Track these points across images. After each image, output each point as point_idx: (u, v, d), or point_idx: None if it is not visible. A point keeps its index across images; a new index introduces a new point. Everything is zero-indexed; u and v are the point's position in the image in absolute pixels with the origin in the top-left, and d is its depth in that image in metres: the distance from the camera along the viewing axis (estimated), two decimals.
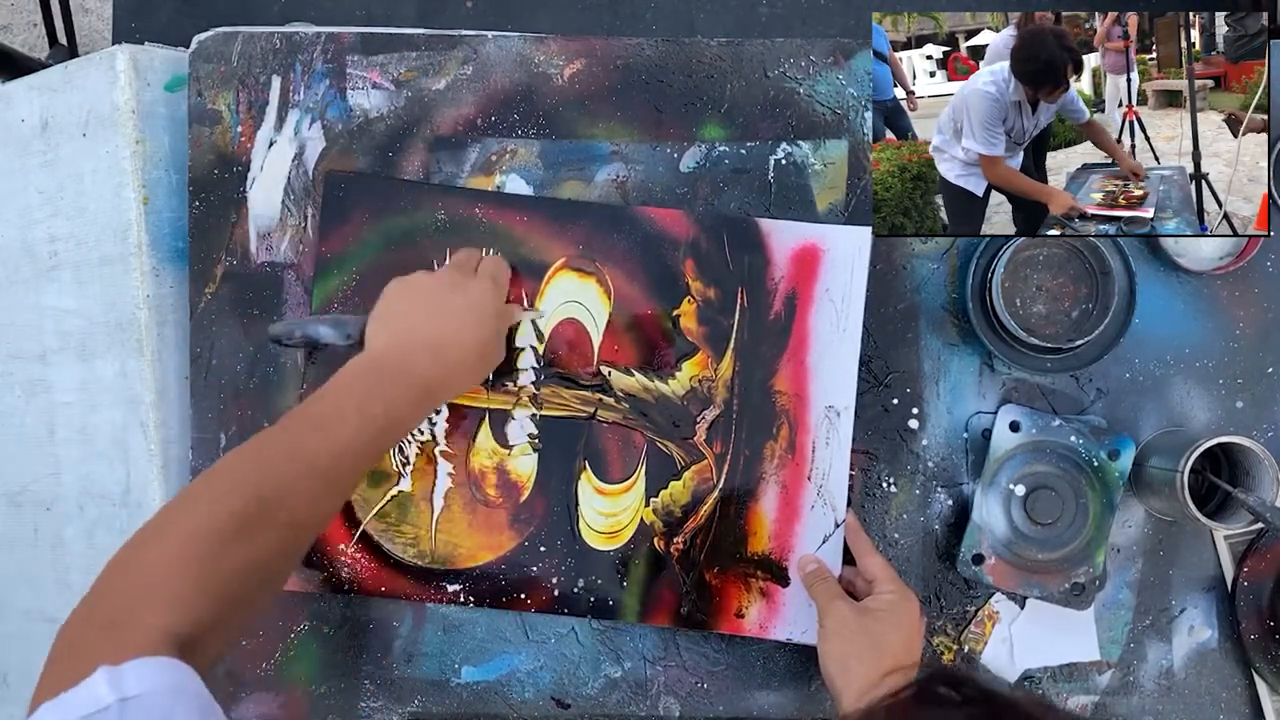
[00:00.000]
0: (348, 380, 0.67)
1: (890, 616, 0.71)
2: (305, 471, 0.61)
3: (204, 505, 0.57)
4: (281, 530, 0.59)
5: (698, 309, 0.81)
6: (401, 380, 0.68)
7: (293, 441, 0.62)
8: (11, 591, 0.92)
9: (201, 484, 0.60)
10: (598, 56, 0.83)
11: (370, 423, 0.64)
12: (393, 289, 0.74)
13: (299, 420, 0.64)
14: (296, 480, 0.61)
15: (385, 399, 0.66)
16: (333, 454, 0.62)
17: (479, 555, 0.81)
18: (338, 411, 0.64)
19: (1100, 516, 0.79)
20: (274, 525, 0.59)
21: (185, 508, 0.58)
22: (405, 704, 0.82)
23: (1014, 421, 0.80)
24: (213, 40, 0.84)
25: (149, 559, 0.55)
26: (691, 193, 0.83)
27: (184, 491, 0.60)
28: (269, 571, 0.60)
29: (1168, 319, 0.82)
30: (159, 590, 0.53)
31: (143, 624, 0.51)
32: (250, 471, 0.60)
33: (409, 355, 0.69)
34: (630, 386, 0.81)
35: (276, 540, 0.59)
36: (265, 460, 0.61)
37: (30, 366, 0.89)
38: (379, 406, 0.65)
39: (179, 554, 0.54)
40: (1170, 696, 0.82)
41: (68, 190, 0.86)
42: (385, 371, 0.68)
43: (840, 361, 0.80)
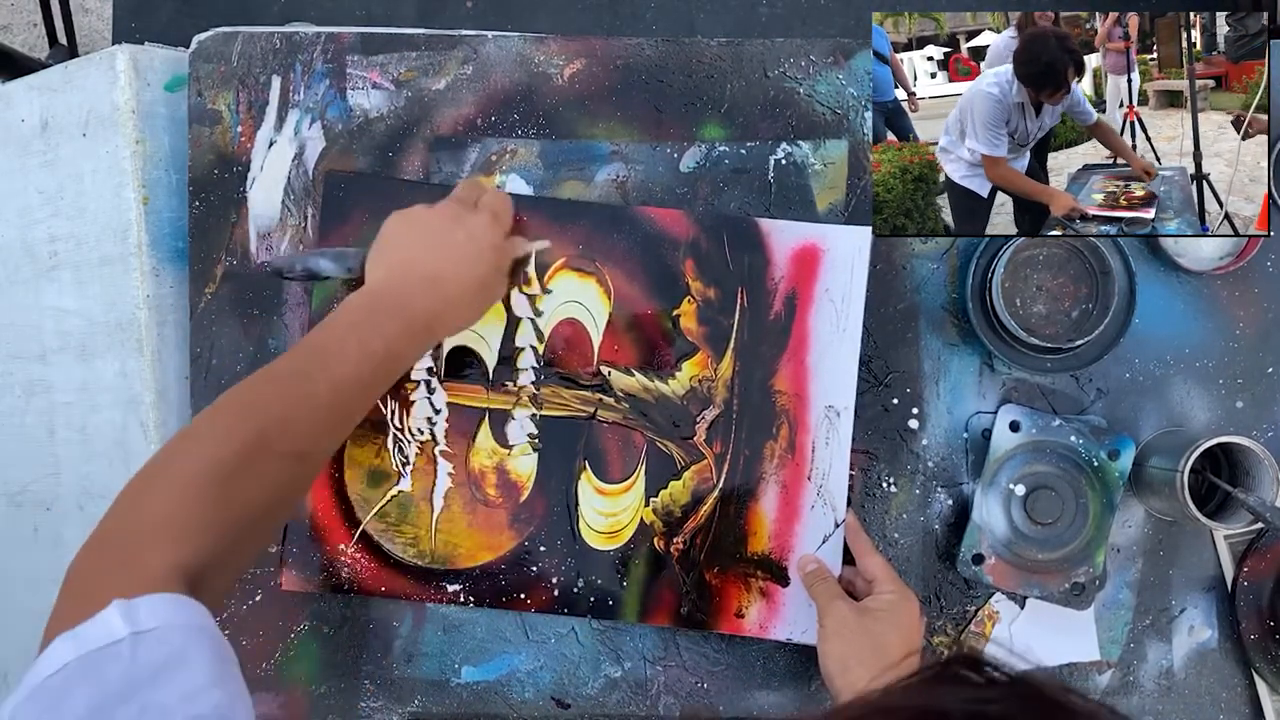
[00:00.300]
0: (347, 315, 0.67)
1: (890, 616, 0.71)
2: (307, 406, 0.61)
3: (208, 441, 0.58)
4: (286, 462, 0.60)
5: (698, 309, 0.81)
6: (400, 315, 0.67)
7: (294, 377, 0.62)
8: (11, 591, 0.92)
9: (205, 420, 0.60)
10: (598, 56, 0.83)
11: (370, 358, 0.65)
12: (392, 222, 0.73)
13: (300, 355, 0.64)
14: (299, 415, 0.61)
15: (384, 334, 0.66)
16: (334, 389, 0.63)
17: (479, 555, 0.81)
18: (338, 347, 0.64)
19: (1100, 516, 0.79)
20: (278, 458, 0.59)
21: (190, 444, 0.58)
22: (405, 704, 0.82)
23: (1014, 421, 0.80)
24: (213, 40, 0.84)
25: (156, 495, 0.55)
26: (691, 193, 0.83)
27: (187, 428, 0.60)
28: (274, 504, 0.61)
29: (1168, 319, 0.82)
30: (167, 525, 0.53)
31: (153, 559, 0.51)
32: (253, 407, 0.60)
33: (407, 289, 0.69)
34: (630, 386, 0.81)
35: (281, 473, 0.60)
36: (267, 396, 0.61)
37: (30, 366, 0.89)
38: (378, 342, 0.65)
39: (185, 489, 0.55)
40: (1170, 696, 0.82)
41: (68, 190, 0.86)
42: (383, 306, 0.68)
43: (840, 361, 0.80)
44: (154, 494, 0.55)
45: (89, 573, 0.52)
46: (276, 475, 0.59)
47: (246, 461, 0.57)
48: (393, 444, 0.82)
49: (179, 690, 0.45)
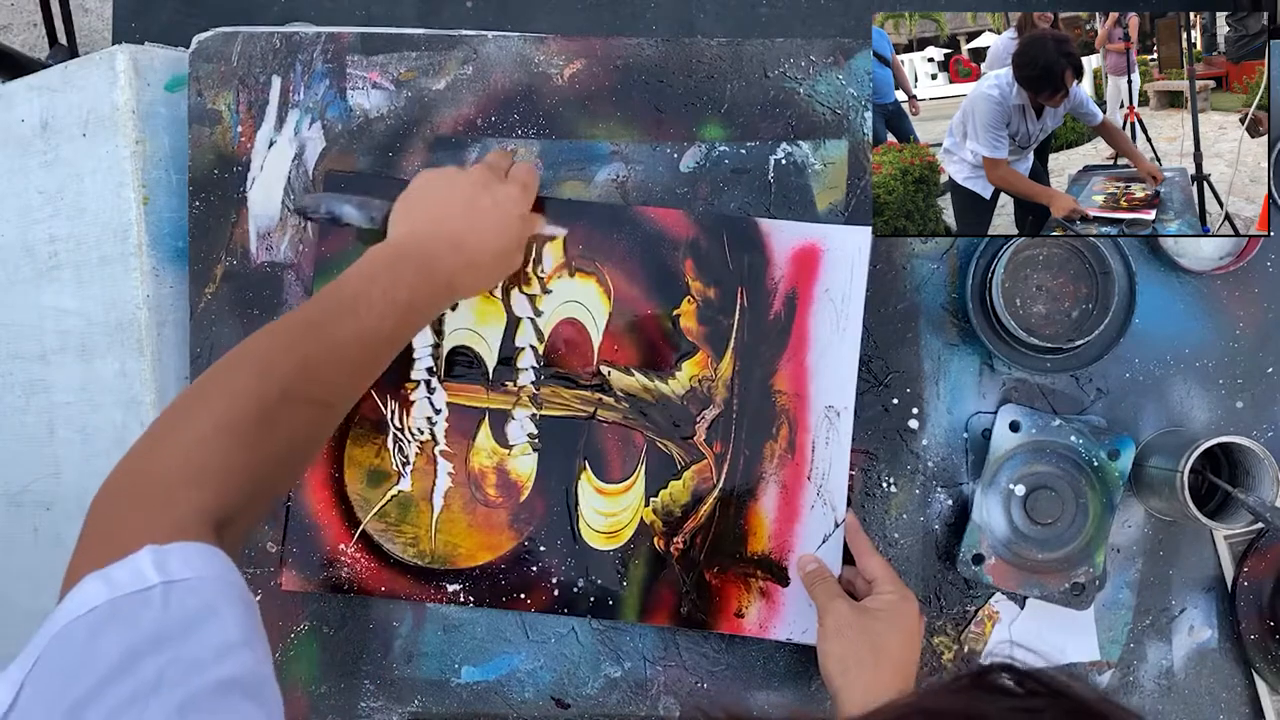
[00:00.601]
0: (370, 266, 0.67)
1: (890, 617, 0.71)
2: (332, 356, 0.61)
3: (236, 387, 0.57)
4: (311, 410, 0.60)
5: (698, 309, 0.81)
6: (423, 270, 0.68)
7: (319, 324, 0.62)
8: (12, 591, 0.92)
9: (231, 366, 0.59)
10: (598, 56, 0.83)
11: (393, 307, 0.65)
12: (422, 178, 0.73)
13: (324, 304, 0.64)
14: (324, 363, 0.61)
15: (409, 286, 0.66)
16: (360, 339, 0.63)
17: (479, 555, 0.81)
18: (364, 297, 0.64)
19: (1100, 516, 0.79)
20: (303, 405, 0.59)
21: (215, 389, 0.58)
22: (405, 704, 0.82)
23: (1014, 421, 0.80)
24: (213, 40, 0.84)
25: (183, 438, 0.55)
26: (691, 193, 0.83)
27: (213, 373, 0.59)
28: (297, 453, 0.61)
29: (1168, 319, 0.82)
30: (195, 470, 0.53)
31: (181, 504, 0.51)
32: (279, 355, 0.59)
33: (431, 246, 0.69)
34: (630, 386, 0.81)
35: (306, 421, 0.60)
36: (292, 344, 0.60)
37: (30, 366, 0.89)
38: (403, 294, 0.65)
39: (212, 435, 0.54)
40: (1170, 696, 0.82)
41: (68, 190, 0.86)
42: (408, 260, 0.68)
43: (840, 361, 0.80)
44: (182, 436, 0.55)
45: (116, 510, 0.52)
46: (301, 423, 0.59)
47: (273, 409, 0.57)
48: (393, 444, 0.82)
49: (210, 646, 0.44)
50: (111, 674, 0.41)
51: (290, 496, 0.82)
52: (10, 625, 0.91)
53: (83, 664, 0.42)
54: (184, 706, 0.41)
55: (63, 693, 0.41)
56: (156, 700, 0.41)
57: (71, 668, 0.42)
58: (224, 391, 0.57)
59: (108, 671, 0.41)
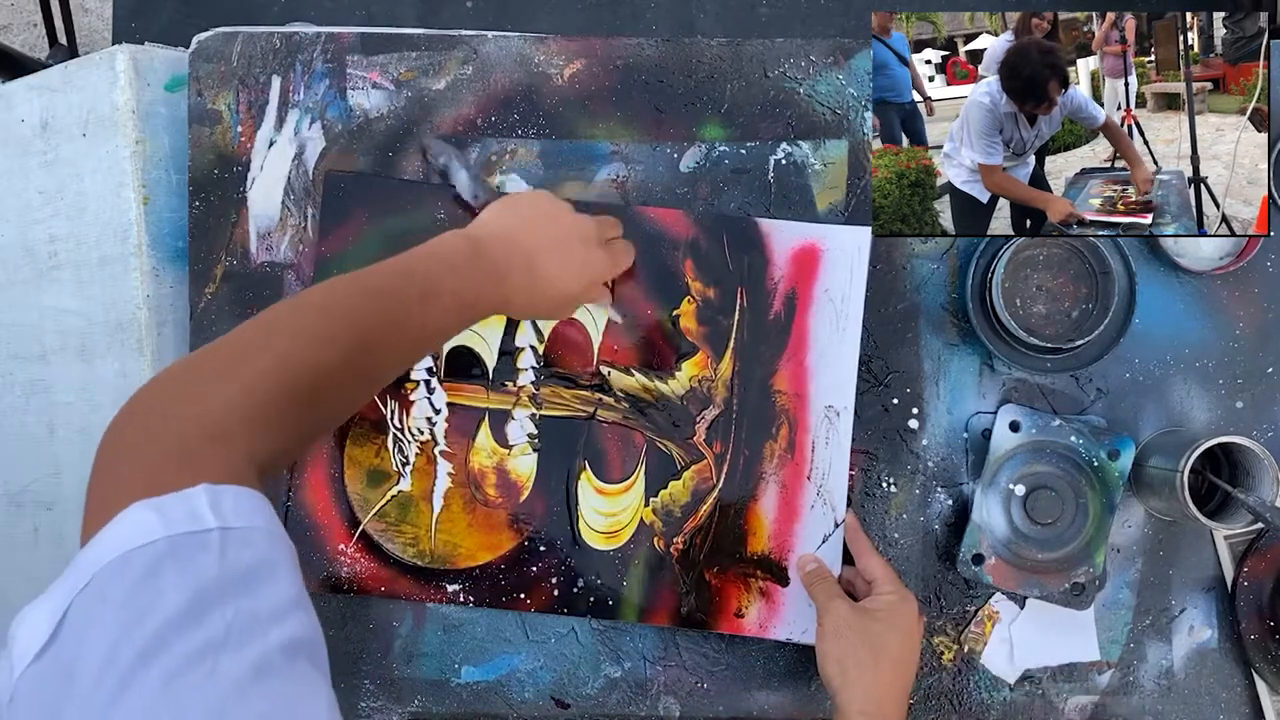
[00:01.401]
0: (448, 254, 0.66)
1: (889, 617, 0.71)
2: (398, 332, 0.61)
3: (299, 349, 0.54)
4: (360, 385, 0.60)
5: (697, 309, 0.81)
6: (494, 279, 0.67)
7: (389, 303, 0.61)
8: (12, 591, 0.92)
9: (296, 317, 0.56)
10: (598, 56, 0.83)
11: (457, 305, 0.64)
12: (535, 196, 0.73)
13: (397, 280, 0.62)
14: (390, 338, 0.60)
15: (476, 291, 0.66)
16: (423, 325, 0.62)
17: (479, 555, 0.81)
18: (435, 285, 0.63)
19: (1100, 516, 0.79)
20: (356, 380, 0.58)
21: (278, 341, 0.54)
22: (405, 704, 0.82)
23: (1014, 421, 0.80)
24: (213, 40, 0.84)
25: (250, 373, 0.51)
26: (691, 193, 0.83)
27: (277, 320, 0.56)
28: (337, 419, 0.60)
29: (1168, 319, 0.82)
30: (251, 415, 0.50)
31: (237, 444, 0.48)
32: (344, 324, 0.58)
33: (509, 258, 0.69)
34: (630, 386, 0.81)
35: (354, 394, 0.60)
36: (361, 317, 0.59)
37: (30, 366, 0.89)
38: (470, 294, 0.65)
39: (277, 380, 0.52)
40: (1170, 696, 0.82)
41: (68, 190, 0.86)
42: (485, 263, 0.67)
43: (840, 361, 0.80)
44: (241, 377, 0.51)
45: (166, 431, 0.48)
46: (349, 394, 0.59)
47: (329, 377, 0.55)
48: (392, 444, 0.82)
49: (269, 604, 0.42)
50: (179, 619, 0.39)
51: (290, 497, 0.82)
52: (10, 625, 0.91)
53: (145, 602, 0.39)
54: (260, 668, 0.39)
55: (124, 631, 0.38)
56: (227, 656, 0.39)
57: (132, 603, 0.39)
58: (286, 349, 0.54)
59: (175, 615, 0.39)
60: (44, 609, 0.39)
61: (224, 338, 0.54)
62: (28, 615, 0.40)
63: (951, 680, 0.82)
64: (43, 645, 0.38)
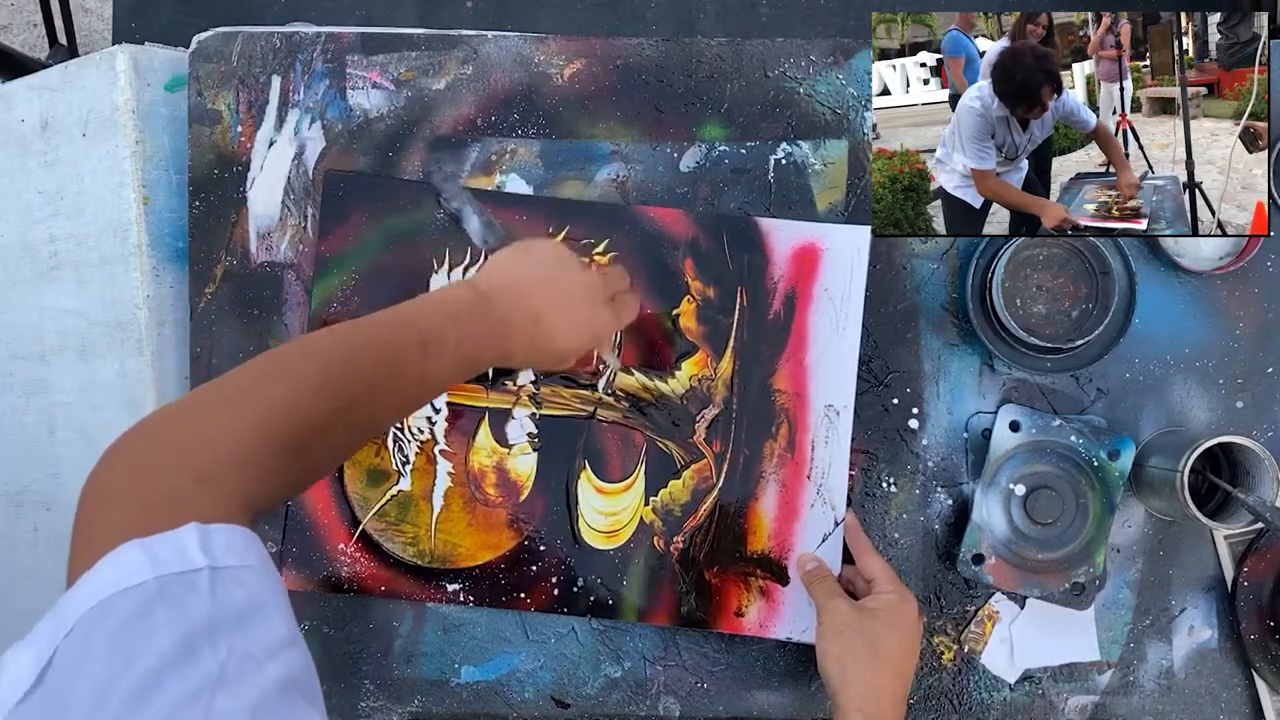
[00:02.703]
0: (454, 304, 0.65)
1: (889, 616, 0.71)
2: (395, 383, 0.60)
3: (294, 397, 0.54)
4: (355, 435, 0.59)
5: (697, 308, 0.81)
6: (498, 333, 0.67)
7: (391, 349, 0.60)
8: (12, 591, 0.92)
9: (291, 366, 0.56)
10: (598, 56, 0.83)
11: (458, 358, 0.63)
12: (546, 246, 0.72)
13: (397, 329, 0.62)
14: (386, 389, 0.60)
15: (478, 344, 0.65)
16: (423, 376, 0.62)
17: (478, 555, 0.81)
18: (437, 337, 0.62)
19: (1100, 516, 0.79)
20: (350, 430, 0.58)
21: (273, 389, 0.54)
22: (405, 704, 0.82)
23: (1014, 421, 0.80)
24: (213, 40, 0.84)
25: (240, 419, 0.51)
26: (691, 193, 0.83)
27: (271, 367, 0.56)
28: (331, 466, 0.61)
29: (1168, 319, 0.82)
30: (248, 456, 0.50)
31: (229, 486, 0.48)
32: (341, 374, 0.57)
33: (514, 309, 0.68)
34: (630, 385, 0.81)
35: (348, 442, 0.59)
36: (368, 361, 0.59)
37: (30, 366, 0.89)
38: (471, 346, 0.64)
39: (266, 428, 0.51)
40: (1170, 696, 0.82)
41: (68, 190, 0.86)
42: (490, 313, 0.66)
43: (839, 360, 0.80)
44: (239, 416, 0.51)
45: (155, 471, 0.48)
46: (343, 444, 0.58)
47: (331, 421, 0.55)
48: (392, 443, 0.82)
49: (262, 642, 0.42)
50: (172, 659, 0.39)
51: None
52: (10, 625, 0.91)
53: (136, 644, 0.39)
54: (256, 707, 0.39)
55: (115, 674, 0.38)
56: (223, 695, 0.39)
57: (122, 645, 0.39)
58: (279, 397, 0.54)
59: (167, 655, 0.39)
60: (28, 653, 0.39)
61: (216, 381, 0.54)
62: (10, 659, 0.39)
63: (951, 680, 0.82)
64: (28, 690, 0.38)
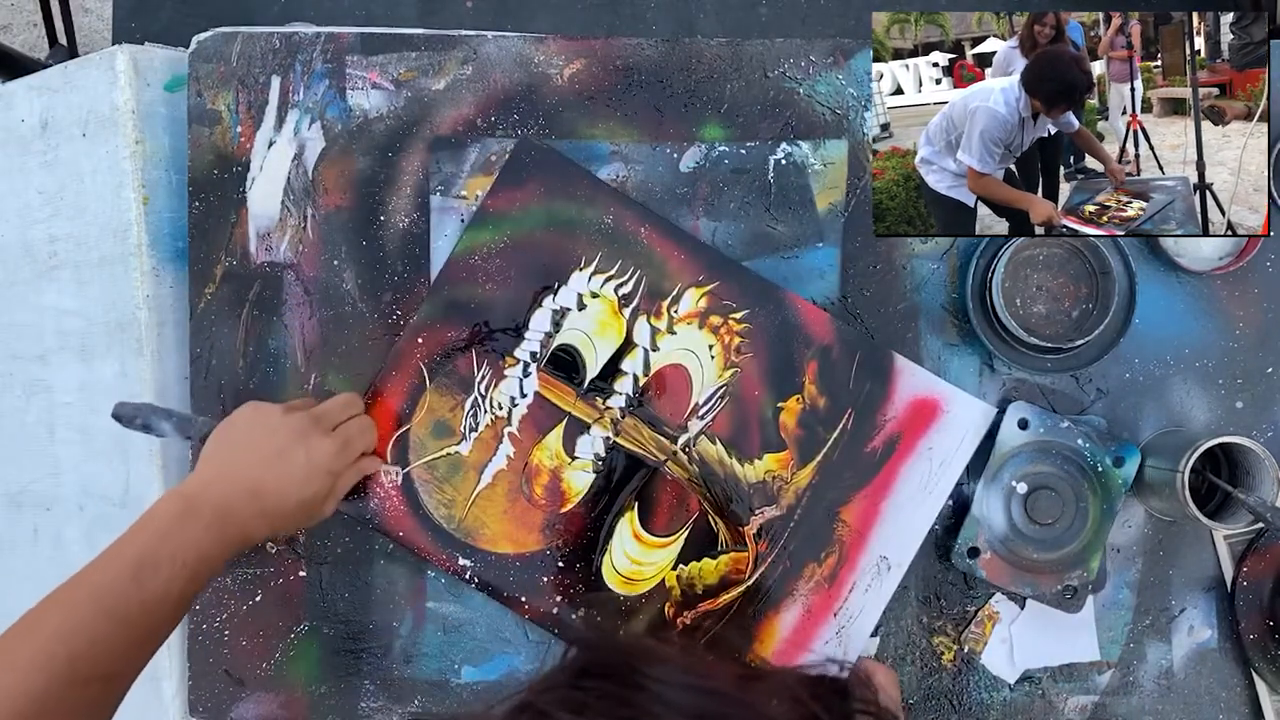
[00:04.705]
0: (164, 521, 0.65)
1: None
2: (118, 624, 0.60)
3: (19, 670, 0.55)
4: (94, 688, 0.58)
5: (803, 410, 0.80)
6: (217, 525, 0.67)
7: (105, 593, 0.61)
8: (12, 592, 0.92)
9: (15, 645, 0.57)
10: (598, 56, 0.83)
11: (182, 570, 0.63)
12: (242, 415, 0.73)
13: (110, 567, 0.62)
14: (110, 635, 0.59)
15: (199, 547, 0.65)
16: (144, 606, 0.61)
17: (500, 543, 0.81)
18: (151, 558, 0.62)
19: (1099, 522, 0.79)
20: (88, 684, 0.57)
21: (8, 664, 0.56)
22: (405, 704, 0.82)
23: (1023, 419, 0.79)
24: (212, 40, 0.84)
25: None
26: (691, 192, 0.83)
27: (4, 644, 0.57)
28: (106, 705, 0.59)
29: (1168, 319, 0.82)
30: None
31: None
32: (63, 627, 0.58)
33: (228, 495, 0.68)
34: (708, 453, 0.80)
35: (90, 700, 0.58)
36: (79, 617, 0.59)
37: (30, 366, 0.89)
38: (192, 554, 0.64)
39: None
40: (1170, 696, 0.82)
41: (68, 190, 0.86)
42: (200, 514, 0.66)
43: (913, 520, 0.80)
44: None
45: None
46: (85, 703, 0.58)
47: (56, 693, 0.55)
48: (470, 407, 0.81)
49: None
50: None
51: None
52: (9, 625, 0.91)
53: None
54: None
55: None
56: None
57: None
58: (9, 677, 0.55)
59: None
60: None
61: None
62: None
63: (951, 680, 0.82)
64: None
